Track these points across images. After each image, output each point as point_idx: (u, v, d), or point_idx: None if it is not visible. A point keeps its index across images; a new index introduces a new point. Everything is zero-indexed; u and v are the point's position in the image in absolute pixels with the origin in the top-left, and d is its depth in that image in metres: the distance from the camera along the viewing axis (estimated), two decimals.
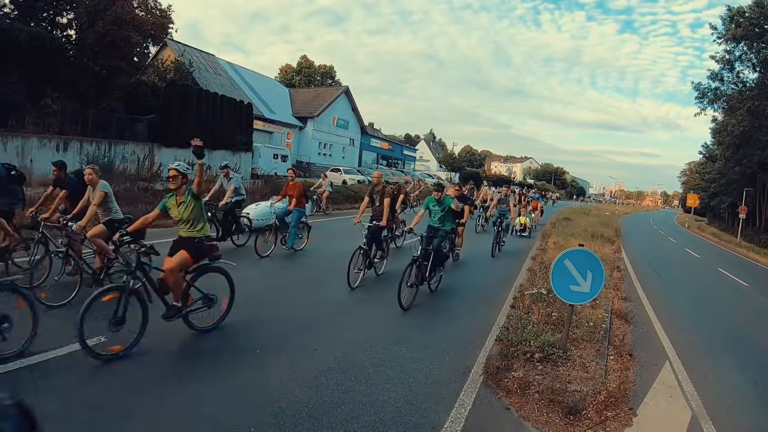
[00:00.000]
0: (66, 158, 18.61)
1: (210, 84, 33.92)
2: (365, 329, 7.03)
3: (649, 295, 12.61)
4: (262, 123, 38.60)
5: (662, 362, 7.51)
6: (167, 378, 5.01)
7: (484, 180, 64.75)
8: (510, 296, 9.73)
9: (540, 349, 6.28)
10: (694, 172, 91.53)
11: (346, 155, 52.22)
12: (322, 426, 4.37)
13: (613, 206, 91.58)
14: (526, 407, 5.20)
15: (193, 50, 37.49)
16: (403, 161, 69.65)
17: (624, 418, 5.30)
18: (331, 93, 51.50)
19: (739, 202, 45.05)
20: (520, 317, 7.73)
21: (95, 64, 22.82)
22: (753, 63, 39.87)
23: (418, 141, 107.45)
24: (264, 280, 9.30)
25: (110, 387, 4.66)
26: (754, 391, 7.03)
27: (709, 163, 65.00)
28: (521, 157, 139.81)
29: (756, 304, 15.24)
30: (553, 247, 15.83)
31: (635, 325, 9.28)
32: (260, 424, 4.28)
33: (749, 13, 37.12)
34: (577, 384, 5.75)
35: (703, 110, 43.39)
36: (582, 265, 6.33)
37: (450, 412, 4.91)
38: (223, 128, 26.10)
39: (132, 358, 5.25)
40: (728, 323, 11.69)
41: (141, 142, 22.69)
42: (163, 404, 4.46)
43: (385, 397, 5.03)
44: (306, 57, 71.60)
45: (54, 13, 23.10)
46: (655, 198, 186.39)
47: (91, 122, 21.03)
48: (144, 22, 24.62)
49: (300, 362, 5.64)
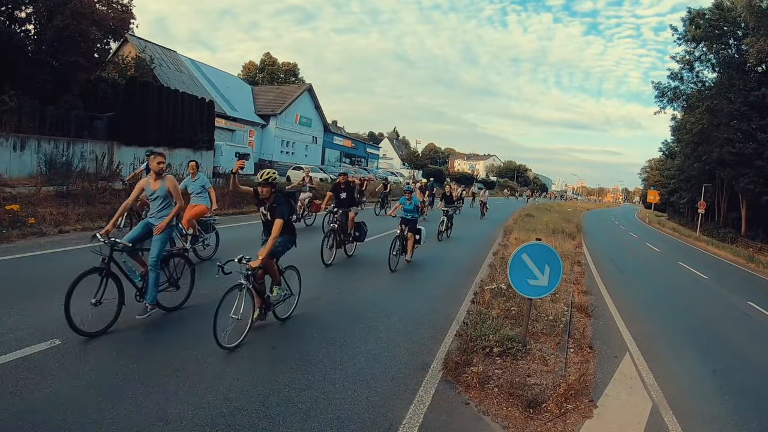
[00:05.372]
0: (23, 157, 18.22)
1: (171, 81, 33.28)
2: (324, 327, 6.92)
3: (610, 288, 12.79)
4: (224, 121, 38.03)
5: (623, 354, 7.61)
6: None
7: (447, 178, 65.44)
8: (470, 291, 9.73)
9: (499, 344, 6.29)
10: (654, 168, 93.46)
11: (309, 153, 51.72)
12: (277, 425, 4.27)
13: (575, 202, 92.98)
14: (486, 401, 5.19)
15: (155, 46, 36.76)
16: (366, 159, 69.49)
17: (584, 410, 5.32)
18: (294, 90, 50.99)
19: (698, 198, 46.28)
20: (479, 312, 7.73)
21: (54, 59, 22.16)
22: (712, 63, 40.97)
23: (382, 139, 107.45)
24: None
25: None
26: (713, 381, 7.19)
27: (669, 160, 66.45)
28: (485, 155, 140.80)
29: (715, 295, 15.62)
30: (514, 243, 15.93)
31: (596, 318, 9.38)
32: (215, 424, 4.16)
33: (709, 15, 38.07)
34: (537, 377, 5.76)
35: (662, 109, 44.41)
36: (540, 259, 6.35)
37: (409, 408, 4.87)
38: (184, 126, 25.56)
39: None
40: (688, 315, 11.95)
41: (100, 141, 22.05)
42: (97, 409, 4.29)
43: (342, 394, 4.95)
44: (269, 54, 70.96)
45: (12, 7, 22.35)
46: (617, 194, 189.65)
47: (49, 120, 20.38)
48: (104, 17, 23.92)
49: (257, 361, 5.52)
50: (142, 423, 4.08)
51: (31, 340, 5.27)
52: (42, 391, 4.37)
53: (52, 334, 5.30)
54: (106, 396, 4.40)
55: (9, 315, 5.90)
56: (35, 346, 5.15)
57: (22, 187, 14.36)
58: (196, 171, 10.60)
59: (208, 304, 6.36)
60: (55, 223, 11.72)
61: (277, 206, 6.22)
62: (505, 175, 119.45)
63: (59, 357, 5.05)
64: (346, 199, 12.02)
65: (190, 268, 7.02)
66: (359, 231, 11.98)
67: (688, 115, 43.02)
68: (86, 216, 12.82)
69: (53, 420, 3.95)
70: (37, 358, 4.94)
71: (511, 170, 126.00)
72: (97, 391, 4.49)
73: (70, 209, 13.00)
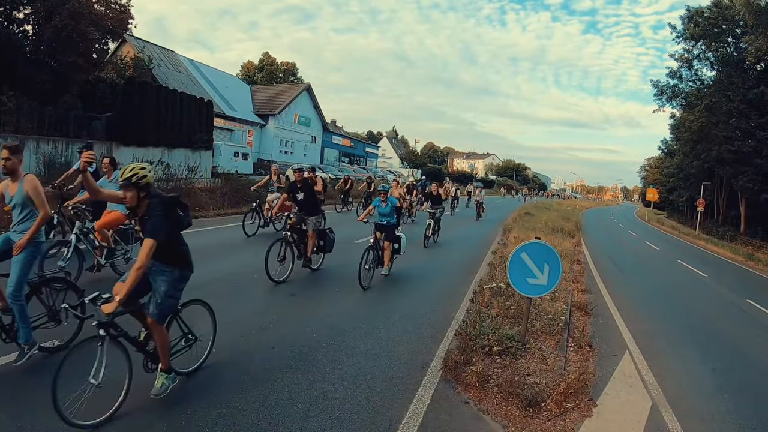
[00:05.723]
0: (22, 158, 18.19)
1: (170, 81, 33.20)
2: (323, 326, 6.91)
3: (609, 287, 12.79)
4: (223, 121, 37.95)
5: (622, 353, 7.61)
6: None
7: (447, 176, 65.47)
8: (470, 290, 9.73)
9: (499, 343, 6.29)
10: (653, 167, 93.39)
11: (308, 153, 51.60)
12: (277, 425, 4.27)
13: (574, 201, 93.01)
14: (485, 401, 5.18)
15: (153, 46, 36.66)
16: (365, 158, 69.41)
17: (584, 408, 5.32)
18: (292, 90, 50.86)
19: (697, 196, 46.30)
20: (479, 311, 7.73)
21: (52, 60, 22.12)
22: (711, 61, 40.86)
23: (381, 138, 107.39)
24: (214, 277, 9.06)
25: None
26: (713, 379, 7.19)
27: (668, 158, 66.44)
28: (483, 154, 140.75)
29: (714, 293, 15.63)
30: (514, 242, 15.92)
31: (595, 317, 9.38)
32: (216, 425, 4.17)
33: (708, 13, 38.04)
34: (537, 376, 5.76)
35: (661, 107, 44.29)
36: (539, 258, 6.37)
37: (408, 407, 4.86)
38: (183, 126, 25.55)
39: None
40: (687, 313, 11.95)
41: (99, 141, 22.00)
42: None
43: (342, 394, 4.95)
44: (268, 54, 70.84)
45: (11, 7, 22.31)
46: (616, 193, 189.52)
47: (47, 120, 20.37)
48: (103, 17, 23.88)
49: (257, 361, 5.52)
50: (140, 421, 4.10)
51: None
52: None
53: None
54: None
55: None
56: None
57: None
58: (112, 170, 8.67)
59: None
60: None
61: (149, 219, 4.30)
62: (504, 174, 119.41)
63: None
64: (304, 201, 9.94)
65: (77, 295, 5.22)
66: (323, 239, 10.05)
67: (687, 114, 42.97)
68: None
69: None
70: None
71: (510, 169, 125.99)
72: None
73: None
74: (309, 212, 9.85)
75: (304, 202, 9.89)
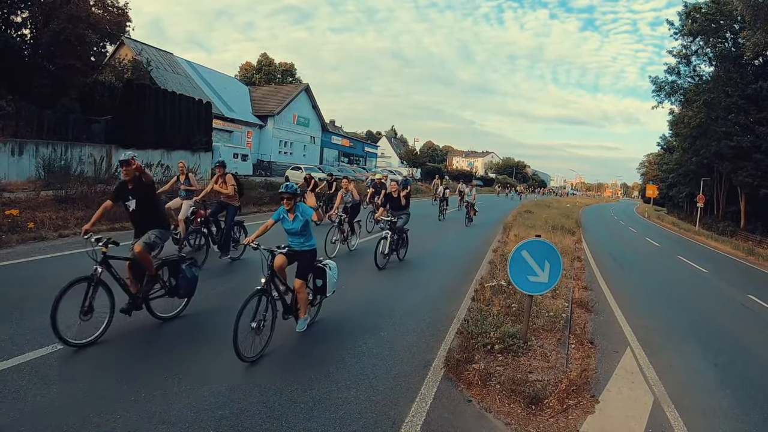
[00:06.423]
0: (21, 162, 18.22)
1: (168, 83, 33.26)
2: (327, 326, 6.93)
3: (610, 283, 12.79)
4: (222, 122, 38.03)
5: (624, 349, 7.61)
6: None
7: (446, 175, 65.32)
8: (471, 289, 9.73)
9: (500, 341, 6.28)
10: (652, 163, 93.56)
11: (308, 153, 51.76)
12: (281, 425, 4.28)
13: (574, 198, 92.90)
14: (488, 398, 5.19)
15: (151, 48, 36.69)
16: (364, 158, 69.53)
17: (586, 405, 5.33)
18: (291, 90, 50.93)
19: (697, 192, 46.34)
20: (480, 309, 7.73)
21: (51, 63, 22.14)
22: (709, 57, 40.97)
23: (380, 137, 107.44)
24: (220, 278, 9.08)
25: None
26: (714, 374, 7.19)
27: (667, 155, 66.53)
28: (483, 152, 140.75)
29: (715, 289, 15.61)
30: (514, 240, 15.87)
31: (596, 314, 9.38)
32: (219, 426, 4.18)
33: (705, 9, 38.10)
34: (539, 373, 5.76)
35: (660, 103, 44.34)
36: (539, 256, 6.37)
37: (411, 406, 4.88)
38: (182, 128, 25.61)
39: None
40: (688, 309, 11.94)
41: (98, 144, 22.07)
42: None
43: (345, 393, 4.97)
44: (266, 55, 71.03)
45: (8, 11, 22.31)
46: (615, 189, 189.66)
47: (47, 124, 20.41)
48: (100, 20, 23.88)
49: (261, 360, 5.52)
50: (144, 425, 4.09)
51: (31, 345, 5.29)
52: (43, 397, 4.38)
53: (52, 338, 5.23)
54: (106, 399, 4.42)
55: (10, 321, 5.91)
56: (36, 352, 5.17)
57: (21, 192, 14.40)
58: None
59: (212, 310, 6.30)
60: (55, 228, 11.73)
61: None
62: (503, 172, 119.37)
63: (60, 362, 5.07)
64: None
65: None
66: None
67: (686, 110, 42.96)
68: (86, 220, 12.72)
69: (55, 425, 3.96)
70: (37, 364, 4.96)
71: (510, 167, 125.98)
72: (98, 394, 4.50)
73: (70, 213, 13.02)
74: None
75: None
